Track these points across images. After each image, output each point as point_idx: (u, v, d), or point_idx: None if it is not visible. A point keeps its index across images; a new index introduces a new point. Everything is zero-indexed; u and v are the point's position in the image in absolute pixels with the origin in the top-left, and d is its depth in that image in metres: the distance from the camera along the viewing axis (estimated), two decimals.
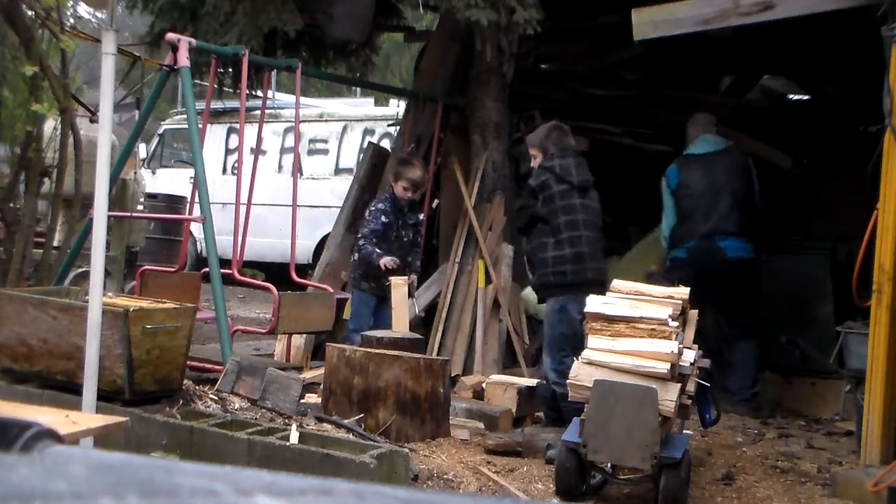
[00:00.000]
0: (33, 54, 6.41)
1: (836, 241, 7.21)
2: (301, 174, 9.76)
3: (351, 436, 4.66)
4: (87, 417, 3.31)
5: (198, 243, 11.26)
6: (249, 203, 6.40)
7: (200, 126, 6.32)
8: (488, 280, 6.98)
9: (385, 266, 6.26)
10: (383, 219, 6.47)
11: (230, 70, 7.19)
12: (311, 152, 12.23)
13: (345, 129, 12.21)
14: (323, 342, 6.32)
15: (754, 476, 5.06)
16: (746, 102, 8.86)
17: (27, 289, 5.88)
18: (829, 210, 7.73)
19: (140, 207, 9.87)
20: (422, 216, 6.72)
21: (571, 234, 5.26)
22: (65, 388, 4.63)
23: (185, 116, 8.55)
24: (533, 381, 5.99)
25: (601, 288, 4.85)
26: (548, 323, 5.25)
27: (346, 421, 4.91)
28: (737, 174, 6.45)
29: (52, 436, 0.66)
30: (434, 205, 7.80)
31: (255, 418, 4.77)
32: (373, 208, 6.65)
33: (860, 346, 5.29)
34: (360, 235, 6.57)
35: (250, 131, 7.68)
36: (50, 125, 7.15)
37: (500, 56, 7.17)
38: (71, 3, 9.54)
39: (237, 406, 4.96)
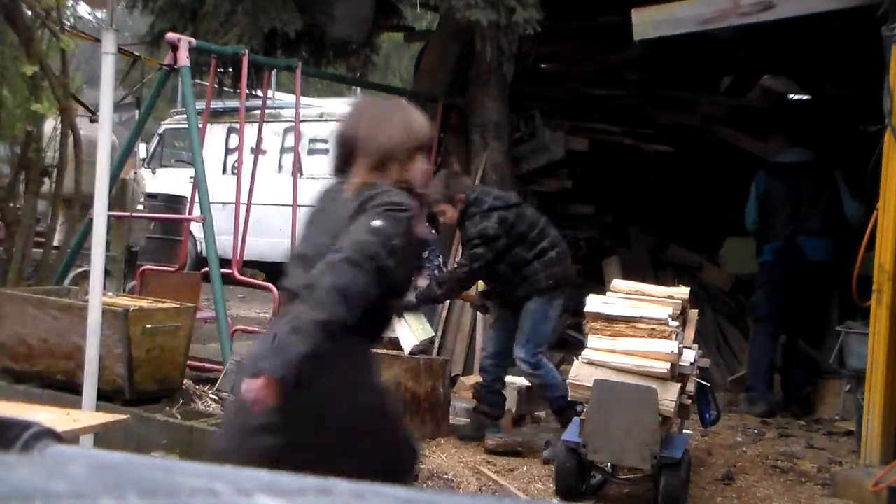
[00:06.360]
0: (33, 54, 6.40)
1: None
2: (301, 174, 9.75)
3: None
4: (88, 415, 3.31)
5: (198, 243, 11.25)
6: (249, 203, 6.40)
7: (200, 126, 6.32)
8: None
9: None
10: None
11: (230, 70, 7.18)
12: (311, 152, 12.22)
13: None
14: None
15: (754, 476, 5.06)
16: (746, 102, 8.85)
17: (27, 289, 5.88)
18: None
19: (140, 207, 9.86)
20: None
21: (549, 239, 5.25)
22: (65, 388, 4.64)
23: (185, 116, 8.55)
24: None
25: (573, 279, 5.36)
26: (531, 319, 5.20)
27: None
28: (821, 181, 6.74)
29: (51, 435, 0.66)
30: None
31: None
32: None
33: (860, 346, 5.29)
34: None
35: (250, 131, 7.67)
36: (50, 125, 7.14)
37: (500, 56, 7.16)
38: (71, 2, 9.53)
39: None
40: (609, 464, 4.41)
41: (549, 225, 5.36)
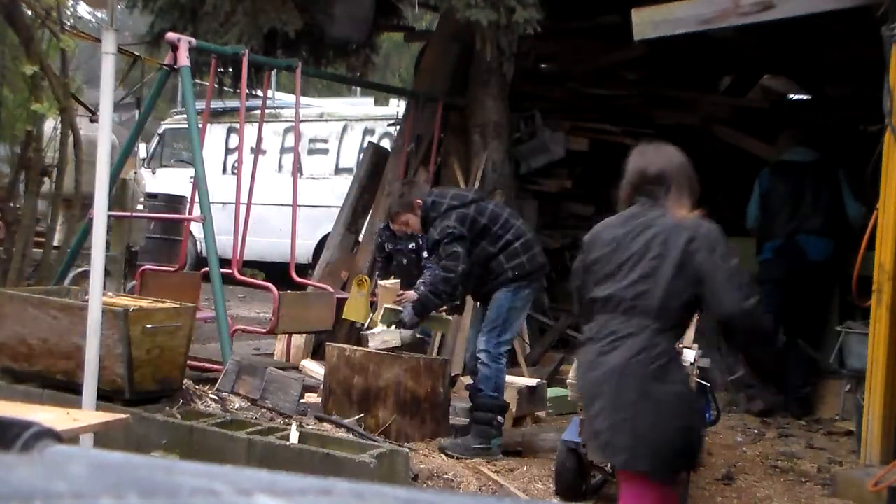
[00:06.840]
0: (33, 54, 6.40)
1: None
2: (301, 174, 9.76)
3: (351, 435, 4.66)
4: (88, 415, 3.31)
5: (198, 243, 11.26)
6: (249, 203, 6.40)
7: (200, 126, 6.32)
8: None
9: None
10: (378, 239, 6.58)
11: (230, 70, 7.19)
12: (311, 152, 12.22)
13: (345, 129, 12.20)
14: (323, 342, 6.32)
15: (754, 476, 5.06)
16: (746, 102, 8.86)
17: (27, 289, 5.88)
18: None
19: (140, 207, 9.86)
20: (411, 245, 6.54)
21: (513, 231, 5.22)
22: (65, 388, 4.63)
23: (185, 116, 8.55)
24: (534, 381, 5.99)
25: (544, 271, 5.36)
26: (495, 307, 5.17)
27: (346, 421, 4.92)
28: (824, 181, 6.77)
29: (51, 435, 0.66)
30: None
31: (255, 418, 4.77)
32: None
33: (860, 346, 5.29)
34: None
35: (250, 131, 7.68)
36: (50, 125, 7.14)
37: (500, 56, 7.17)
38: (71, 2, 9.54)
39: (237, 406, 4.97)
40: (609, 464, 4.40)
41: (513, 216, 5.35)
